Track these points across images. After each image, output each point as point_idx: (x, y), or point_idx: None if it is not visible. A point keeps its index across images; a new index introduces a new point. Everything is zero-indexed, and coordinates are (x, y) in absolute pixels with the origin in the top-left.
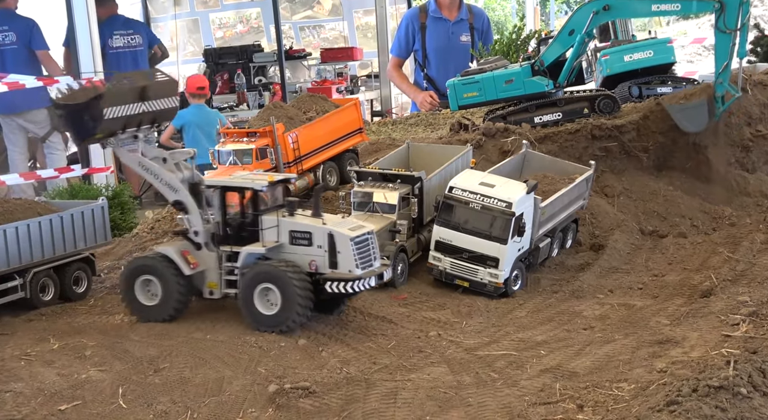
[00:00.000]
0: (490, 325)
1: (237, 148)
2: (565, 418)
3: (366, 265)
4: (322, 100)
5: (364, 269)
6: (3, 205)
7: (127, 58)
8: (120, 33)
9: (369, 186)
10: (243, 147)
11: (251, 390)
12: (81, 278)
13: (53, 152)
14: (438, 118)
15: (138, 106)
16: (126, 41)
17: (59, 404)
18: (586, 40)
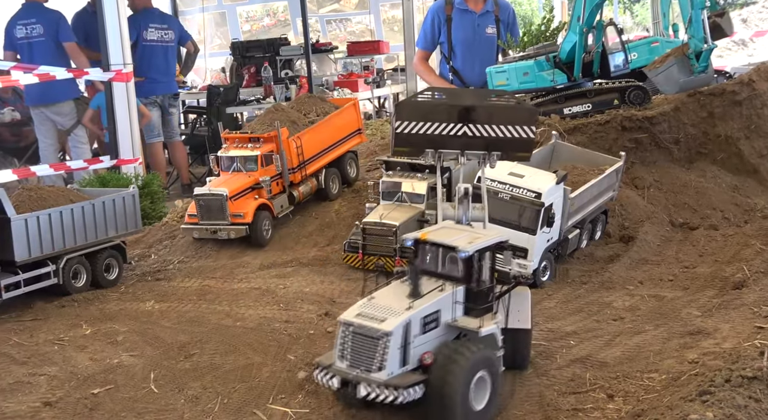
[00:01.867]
0: None
1: (241, 155)
2: (596, 408)
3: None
4: (321, 100)
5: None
6: (36, 192)
7: (159, 52)
8: (155, 26)
9: (397, 176)
10: (247, 153)
11: (281, 376)
12: (112, 265)
13: (77, 145)
14: None
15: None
16: (159, 35)
17: (92, 388)
18: (585, 29)
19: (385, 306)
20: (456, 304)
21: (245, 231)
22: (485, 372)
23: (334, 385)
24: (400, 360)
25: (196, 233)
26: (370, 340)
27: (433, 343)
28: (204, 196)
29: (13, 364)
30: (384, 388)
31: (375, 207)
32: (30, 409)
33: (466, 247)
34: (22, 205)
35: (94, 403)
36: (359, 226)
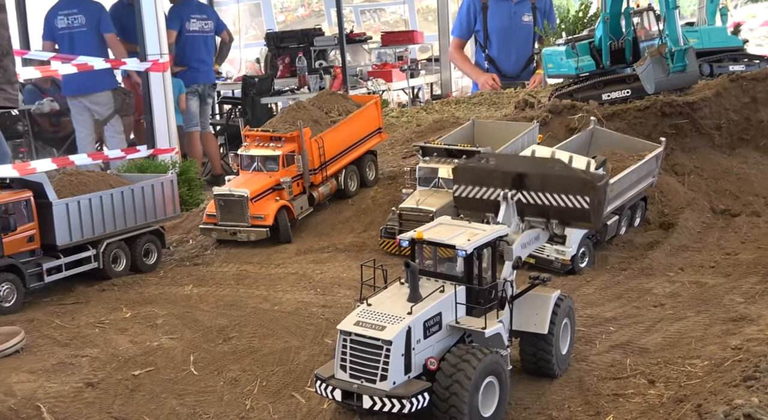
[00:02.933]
0: None
1: (262, 154)
2: (637, 393)
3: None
4: (342, 98)
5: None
6: (77, 177)
7: (199, 42)
8: (196, 17)
9: (434, 161)
10: (269, 153)
11: (318, 360)
12: (151, 250)
13: (113, 135)
14: (502, 97)
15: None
16: (200, 26)
17: (133, 369)
18: (608, 18)
19: (384, 312)
20: (458, 305)
21: (266, 233)
22: (493, 377)
23: (336, 397)
24: (403, 368)
25: (215, 234)
26: (370, 349)
27: (436, 347)
28: (224, 196)
29: (56, 345)
30: (388, 399)
31: (412, 193)
32: (73, 389)
33: (465, 244)
34: (63, 189)
35: (135, 384)
36: (396, 212)
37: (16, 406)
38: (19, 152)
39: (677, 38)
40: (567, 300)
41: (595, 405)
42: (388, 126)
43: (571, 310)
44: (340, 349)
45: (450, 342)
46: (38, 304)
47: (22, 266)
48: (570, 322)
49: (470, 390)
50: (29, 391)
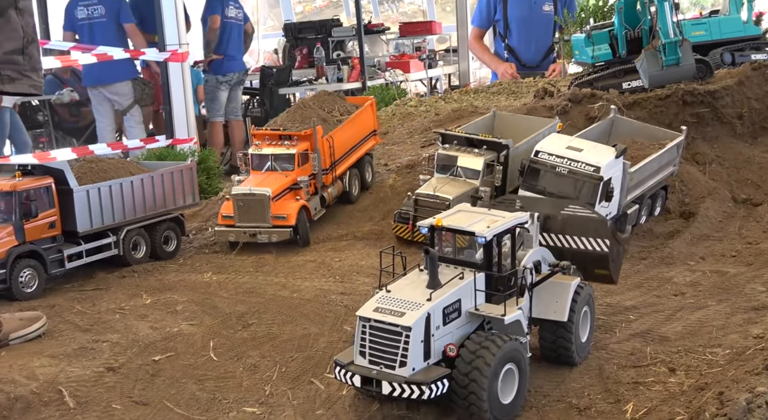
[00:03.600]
0: None
1: (277, 153)
2: (657, 381)
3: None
4: (340, 98)
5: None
6: (97, 164)
7: (235, 29)
8: (232, 4)
9: (453, 149)
10: (284, 151)
11: (337, 347)
12: (171, 238)
13: (132, 125)
14: (521, 87)
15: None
16: (235, 13)
17: (153, 355)
18: (621, 7)
19: (403, 299)
20: (477, 292)
21: (289, 233)
22: (512, 365)
23: (355, 383)
24: (423, 354)
25: (232, 236)
26: (389, 335)
27: (455, 334)
28: (244, 196)
29: (77, 330)
30: (408, 385)
31: (429, 180)
32: (94, 373)
33: (485, 231)
34: (83, 176)
35: (156, 369)
36: (411, 197)
37: (39, 390)
38: (40, 142)
39: (668, 31)
40: (587, 288)
41: (615, 393)
42: (406, 115)
43: (591, 299)
44: (360, 335)
45: (469, 329)
46: (59, 290)
47: (44, 252)
48: (590, 311)
49: (489, 377)
50: (51, 376)
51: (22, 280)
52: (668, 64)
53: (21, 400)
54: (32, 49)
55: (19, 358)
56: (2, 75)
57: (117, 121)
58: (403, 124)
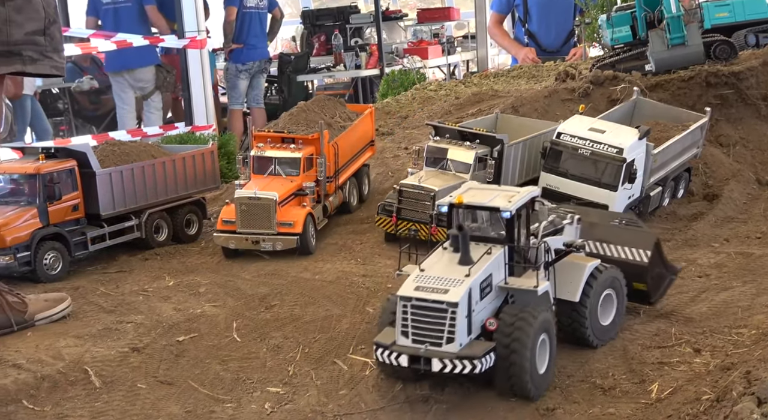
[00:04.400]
0: None
1: (282, 156)
2: (682, 361)
3: None
4: (340, 105)
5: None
6: (120, 147)
7: (255, 18)
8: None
9: (445, 142)
10: (289, 155)
11: (360, 328)
12: (192, 221)
13: (152, 112)
14: (541, 70)
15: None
16: (256, 2)
17: (177, 336)
18: None
19: (441, 276)
20: (504, 266)
21: (296, 242)
22: (545, 335)
23: (402, 363)
24: (467, 330)
25: (233, 243)
26: (434, 312)
27: (489, 309)
28: (249, 200)
29: (102, 312)
30: (459, 360)
31: (417, 172)
32: (119, 353)
33: (508, 206)
34: (106, 159)
35: (180, 349)
36: (396, 189)
37: (65, 370)
38: (60, 130)
39: (670, 5)
40: (610, 271)
41: (639, 373)
42: (426, 99)
43: (617, 282)
44: (401, 315)
45: (497, 303)
46: (83, 273)
47: (68, 235)
48: (615, 294)
49: (530, 348)
50: (77, 355)
51: (46, 262)
52: (674, 43)
53: (48, 379)
54: (54, 30)
55: (45, 339)
56: (24, 56)
57: (138, 108)
58: (423, 108)
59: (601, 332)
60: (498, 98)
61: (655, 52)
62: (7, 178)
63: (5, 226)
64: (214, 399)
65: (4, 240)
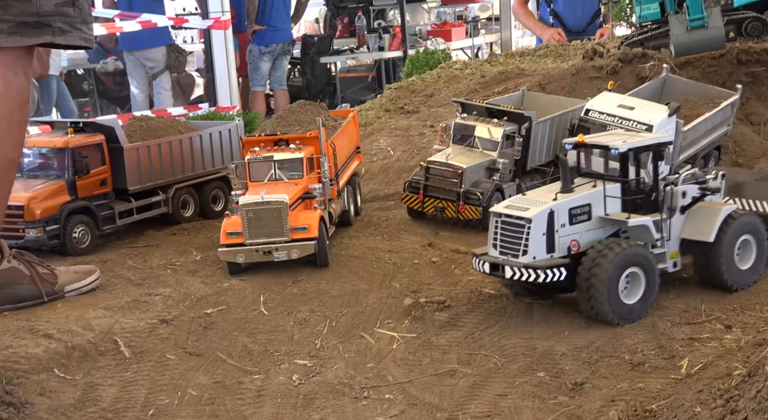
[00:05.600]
0: None
1: (282, 158)
2: (713, 337)
3: None
4: (323, 109)
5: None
6: (147, 122)
7: (279, 0)
8: None
9: (472, 119)
10: (290, 156)
11: (386, 303)
12: (218, 197)
13: (160, 92)
14: (568, 49)
15: None
16: None
17: (205, 308)
18: None
19: (533, 199)
20: (610, 199)
21: (314, 247)
22: (637, 268)
23: (485, 270)
24: (545, 247)
25: (242, 257)
26: (515, 227)
27: (585, 236)
28: (256, 205)
29: (130, 285)
30: (526, 269)
31: (444, 149)
32: (148, 325)
33: (620, 145)
34: (133, 134)
35: (208, 322)
36: (423, 166)
37: (95, 340)
38: (85, 111)
39: None
40: (748, 216)
41: (669, 349)
42: (451, 78)
43: (756, 228)
44: (492, 229)
45: (602, 234)
46: (111, 247)
47: (96, 209)
48: (756, 241)
49: (609, 276)
50: (106, 326)
51: (75, 236)
52: (693, 26)
53: (78, 349)
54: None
55: (75, 310)
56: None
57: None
58: (448, 87)
59: (740, 276)
60: (524, 77)
61: (674, 36)
62: (35, 152)
63: (34, 199)
64: (243, 370)
65: (33, 213)
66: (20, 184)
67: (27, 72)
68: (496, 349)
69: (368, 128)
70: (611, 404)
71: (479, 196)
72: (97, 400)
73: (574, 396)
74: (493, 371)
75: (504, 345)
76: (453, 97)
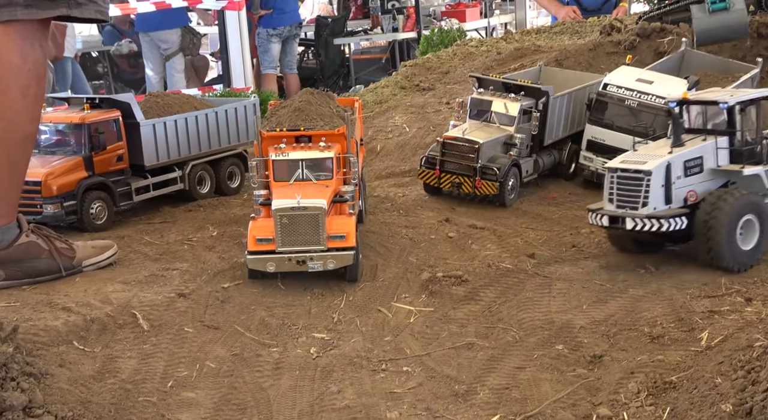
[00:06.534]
0: None
1: (310, 157)
2: (733, 310)
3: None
4: (330, 98)
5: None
6: (163, 99)
7: None
8: None
9: (489, 94)
10: (319, 155)
11: (404, 277)
12: (234, 173)
13: (173, 73)
14: (584, 26)
15: None
16: None
17: (222, 282)
18: None
19: (647, 153)
20: (720, 151)
21: (352, 258)
22: (753, 215)
23: (603, 222)
24: (663, 198)
25: (272, 266)
26: (633, 181)
27: (698, 187)
28: (292, 210)
29: (147, 259)
30: (648, 219)
31: (460, 125)
32: (166, 299)
33: (728, 98)
34: (149, 111)
35: (225, 296)
36: (439, 141)
37: (113, 313)
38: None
39: None
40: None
41: (689, 322)
42: (466, 55)
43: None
44: (608, 184)
45: (713, 186)
46: (128, 223)
47: (113, 185)
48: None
49: (726, 224)
50: (124, 300)
51: (92, 211)
52: (715, 8)
53: (97, 322)
54: None
55: (93, 284)
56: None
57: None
58: (464, 64)
59: None
60: (540, 53)
61: (696, 19)
62: (52, 128)
63: (51, 175)
64: (260, 343)
65: (50, 189)
66: (37, 160)
67: (43, 45)
68: (514, 323)
69: (383, 105)
70: (630, 376)
71: (496, 172)
72: (117, 371)
73: (592, 368)
74: (511, 344)
75: (522, 318)
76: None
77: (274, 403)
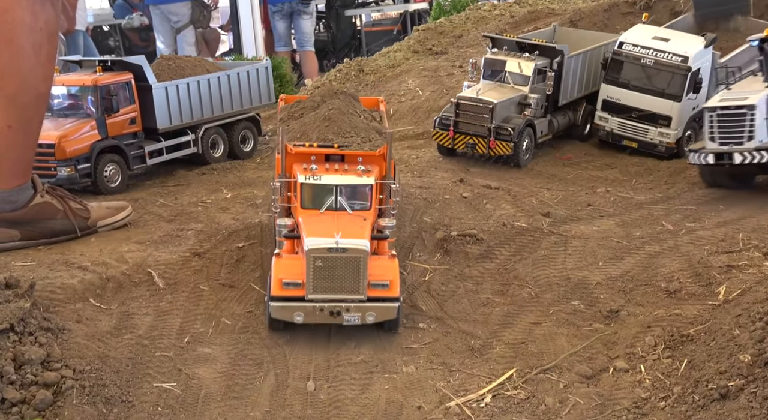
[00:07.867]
0: (661, 183)
1: (348, 183)
2: (751, 265)
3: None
4: (354, 99)
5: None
6: (175, 62)
7: None
8: None
9: (503, 54)
10: (357, 181)
11: (419, 236)
12: (248, 137)
13: (183, 47)
14: None
15: None
16: None
17: (236, 242)
18: None
19: (744, 90)
20: None
21: (395, 312)
22: None
23: (709, 160)
24: (766, 131)
25: (300, 316)
26: (736, 117)
27: None
28: (328, 253)
29: (162, 221)
30: (757, 151)
31: (474, 85)
32: (181, 257)
33: None
34: (162, 73)
35: (239, 255)
36: (453, 102)
37: (129, 272)
38: None
39: None
40: None
41: (706, 276)
42: (479, 19)
43: None
44: (708, 124)
45: None
46: (142, 186)
47: (126, 148)
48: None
49: None
50: (140, 259)
51: (106, 174)
52: None
53: (113, 280)
54: None
55: (108, 244)
56: None
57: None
58: (477, 28)
59: None
60: (554, 16)
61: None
62: (65, 91)
63: (65, 137)
64: None
65: (64, 151)
66: (50, 123)
67: (54, 3)
68: (529, 280)
69: (396, 69)
70: (647, 330)
71: (510, 132)
72: (133, 327)
73: (609, 323)
74: (526, 301)
75: (537, 276)
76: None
77: (290, 358)
